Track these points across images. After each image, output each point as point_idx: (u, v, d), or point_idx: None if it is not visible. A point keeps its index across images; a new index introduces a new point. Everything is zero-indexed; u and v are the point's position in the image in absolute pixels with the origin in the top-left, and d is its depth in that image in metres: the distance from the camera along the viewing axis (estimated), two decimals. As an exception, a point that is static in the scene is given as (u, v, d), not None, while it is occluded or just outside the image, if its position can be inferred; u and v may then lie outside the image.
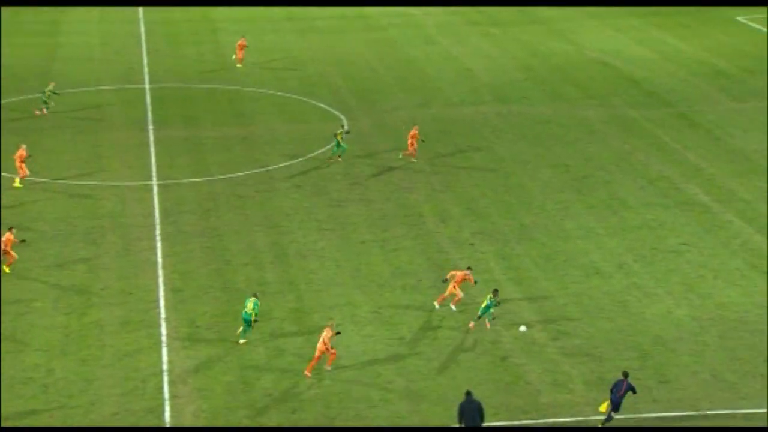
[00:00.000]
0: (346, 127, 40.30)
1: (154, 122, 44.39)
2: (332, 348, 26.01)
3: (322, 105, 46.90)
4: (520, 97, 48.20)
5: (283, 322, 28.68)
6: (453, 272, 29.32)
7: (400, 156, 39.91)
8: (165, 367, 26.23)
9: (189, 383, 25.58)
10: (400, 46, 56.67)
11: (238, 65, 51.76)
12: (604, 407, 24.25)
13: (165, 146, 41.45)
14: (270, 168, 39.54)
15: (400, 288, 30.61)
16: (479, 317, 28.03)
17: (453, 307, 29.07)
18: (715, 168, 38.86)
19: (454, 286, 28.94)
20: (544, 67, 52.50)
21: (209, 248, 32.77)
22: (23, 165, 36.51)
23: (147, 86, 49.09)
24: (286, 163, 39.99)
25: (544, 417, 24.41)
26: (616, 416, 23.97)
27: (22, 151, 36.75)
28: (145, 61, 53.04)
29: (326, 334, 26.08)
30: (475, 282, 29.10)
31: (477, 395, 23.63)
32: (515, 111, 45.85)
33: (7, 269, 30.50)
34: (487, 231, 34.29)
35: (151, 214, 35.07)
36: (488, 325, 27.95)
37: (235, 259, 32.13)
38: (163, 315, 28.75)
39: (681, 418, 24.15)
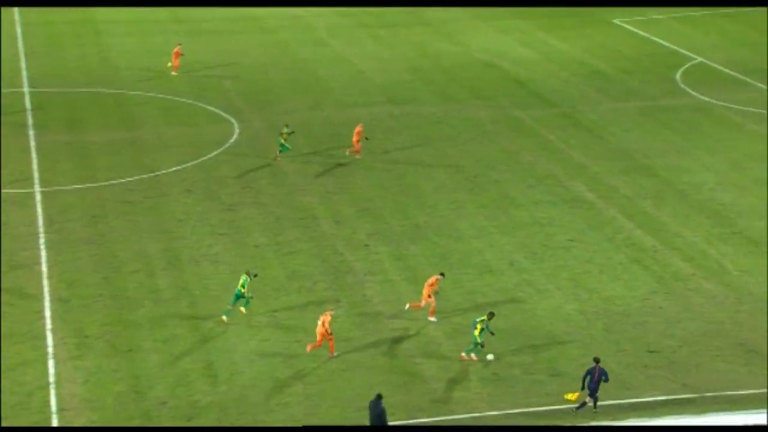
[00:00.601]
0: (289, 128, 40.08)
1: (35, 127, 42.96)
2: (331, 332, 26.07)
3: (212, 108, 46.24)
4: (411, 98, 48.54)
5: (176, 328, 28.12)
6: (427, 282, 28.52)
7: (347, 153, 39.99)
8: (52, 379, 25.39)
9: (78, 395, 24.83)
10: (291, 48, 56.34)
11: (173, 73, 50.27)
12: (572, 396, 24.56)
13: (47, 152, 40.16)
14: (159, 173, 38.73)
15: (296, 291, 30.40)
16: (477, 345, 26.38)
17: (433, 319, 28.46)
18: (599, 166, 39.91)
19: (429, 295, 28.43)
20: (433, 69, 53.02)
21: (97, 256, 31.89)
22: None
23: (26, 90, 47.47)
24: (176, 168, 39.25)
25: (440, 414, 24.59)
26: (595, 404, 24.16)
27: None
28: (24, 64, 51.29)
29: (326, 318, 26.23)
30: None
31: (375, 394, 23.61)
32: (407, 112, 46.14)
33: None
34: (382, 232, 34.38)
35: (34, 223, 33.93)
36: (474, 358, 26.51)
37: (124, 266, 31.34)
38: (49, 326, 27.82)
39: (569, 411, 24.66)
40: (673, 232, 33.88)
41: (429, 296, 28.59)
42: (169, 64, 50.83)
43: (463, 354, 26.75)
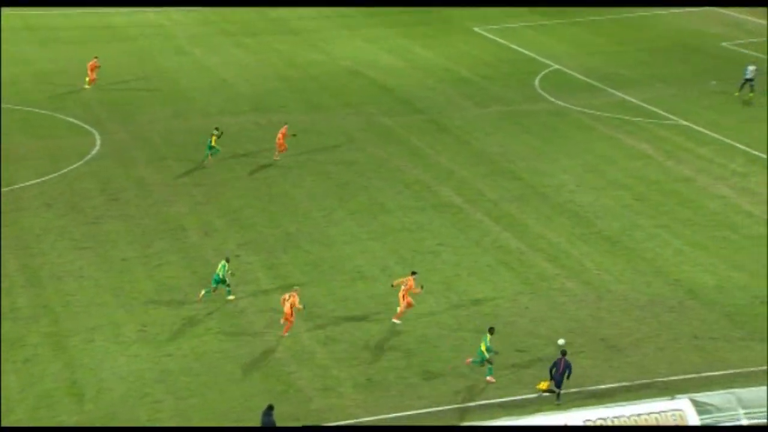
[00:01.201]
0: (219, 130, 39.84)
1: None
2: (293, 316, 26.93)
3: (72, 119, 44.70)
4: (278, 107, 48.22)
5: (37, 347, 27.00)
6: (399, 280, 28.82)
7: (276, 157, 40.14)
8: None
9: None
10: (151, 56, 55.08)
11: (86, 86, 48.27)
12: (543, 385, 25.02)
13: None
14: (17, 187, 37.15)
15: (166, 304, 29.68)
16: (481, 363, 26.06)
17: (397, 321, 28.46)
18: (465, 170, 40.63)
19: (404, 296, 28.43)
20: (299, 77, 52.85)
21: (-46, 275, 30.31)
22: None
23: None
24: (34, 181, 37.73)
25: (315, 422, 24.46)
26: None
27: None
28: None
29: (294, 299, 27.03)
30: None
31: (250, 406, 23.31)
32: (275, 120, 45.80)
33: None
34: (253, 241, 33.98)
35: None
36: (492, 380, 26.03)
37: (-17, 284, 29.90)
38: None
39: (444, 412, 24.96)
40: (537, 233, 34.78)
41: (404, 297, 28.59)
42: (86, 78, 48.67)
43: (489, 378, 26.13)
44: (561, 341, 26.79)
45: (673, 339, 27.99)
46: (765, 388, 24.13)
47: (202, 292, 29.32)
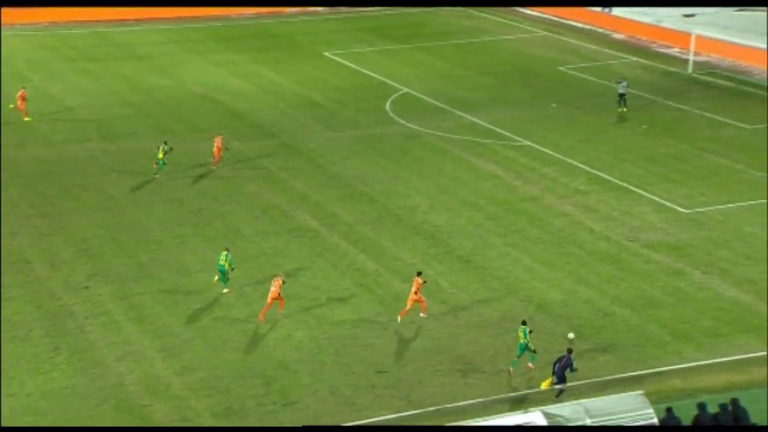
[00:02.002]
0: (168, 145, 40.77)
1: None
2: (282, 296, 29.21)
3: None
4: (127, 133, 46.84)
5: None
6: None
7: (213, 168, 41.36)
8: None
9: None
10: (-10, 83, 52.63)
11: (26, 119, 45.82)
12: (546, 384, 25.75)
13: None
14: None
15: (9, 341, 28.11)
16: (519, 357, 27.09)
17: (423, 315, 30.03)
18: (320, 194, 40.52)
19: (416, 292, 29.50)
20: (148, 103, 51.56)
21: None
22: None
23: None
24: None
25: (176, 457, 23.64)
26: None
27: None
28: None
29: (277, 282, 29.20)
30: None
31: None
32: (124, 147, 44.41)
33: None
34: (103, 272, 32.70)
35: None
36: (531, 366, 27.21)
37: None
38: None
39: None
40: (393, 255, 35.00)
41: (416, 294, 29.82)
42: (11, 106, 46.20)
43: (530, 364, 27.42)
44: (570, 335, 27.98)
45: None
46: (608, 397, 25.04)
47: (225, 290, 31.20)
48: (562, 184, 41.67)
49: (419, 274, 30.67)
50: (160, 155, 40.33)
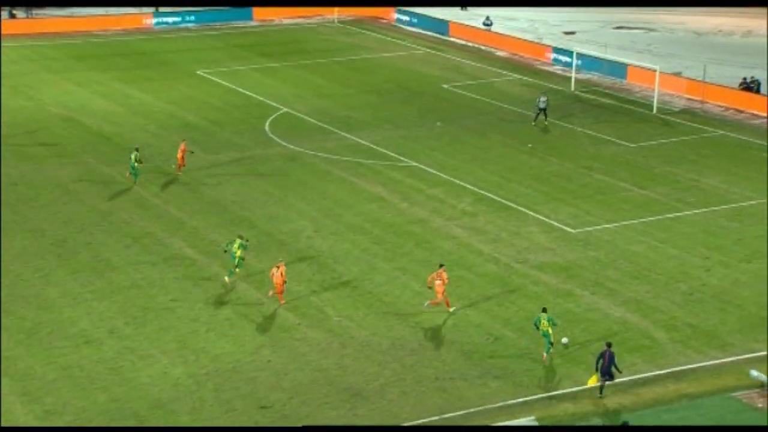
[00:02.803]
0: (138, 153, 42.34)
1: None
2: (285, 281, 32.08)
3: None
4: (-18, 158, 44.99)
5: None
6: (431, 277, 32.18)
7: (178, 174, 42.92)
8: None
9: None
10: None
11: None
12: (593, 380, 27.02)
13: None
14: None
15: None
16: (551, 344, 29.18)
17: (428, 304, 32.32)
18: (197, 220, 39.76)
19: (441, 286, 31.68)
20: (5, 126, 49.66)
21: None
22: None
23: None
24: None
25: None
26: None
27: None
28: None
29: (281, 269, 32.08)
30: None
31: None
32: (-21, 174, 42.62)
33: None
34: (-44, 310, 31.12)
35: None
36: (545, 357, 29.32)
37: None
38: None
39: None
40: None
41: (442, 291, 32.03)
42: None
43: (544, 354, 29.38)
44: (564, 340, 29.73)
45: (416, 382, 28.61)
46: (500, 425, 25.30)
47: (229, 277, 33.80)
48: (449, 205, 42.09)
49: (441, 266, 32.85)
50: (134, 162, 41.55)
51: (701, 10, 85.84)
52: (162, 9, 79.27)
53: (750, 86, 58.36)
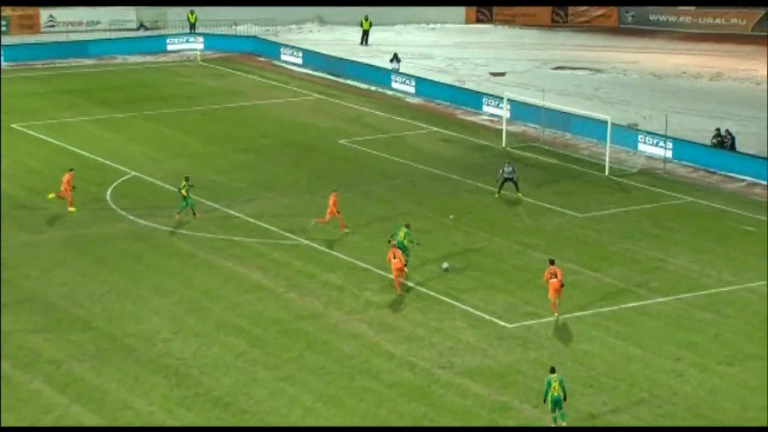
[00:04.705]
0: (189, 181, 47.33)
1: None
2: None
3: None
4: None
5: None
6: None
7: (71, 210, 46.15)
8: None
9: None
10: None
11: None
12: None
13: None
14: None
15: None
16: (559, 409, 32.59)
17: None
18: (11, 322, 39.10)
19: (562, 286, 39.01)
20: None
21: None
22: None
23: None
24: None
25: None
26: None
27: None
28: None
29: (398, 254, 41.32)
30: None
31: None
32: None
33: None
34: None
35: None
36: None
37: None
38: None
39: None
40: (121, 402, 33.97)
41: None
42: None
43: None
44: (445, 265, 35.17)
45: None
46: None
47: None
48: (350, 294, 42.15)
49: (552, 262, 39.57)
50: (184, 193, 47.30)
51: (659, 47, 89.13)
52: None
53: (724, 141, 60.22)
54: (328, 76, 78.02)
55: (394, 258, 41.34)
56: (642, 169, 58.71)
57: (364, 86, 75.76)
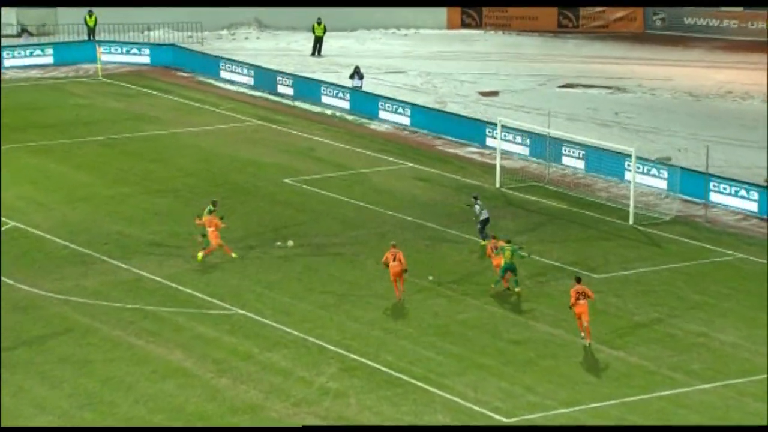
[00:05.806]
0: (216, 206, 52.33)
1: None
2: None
3: None
4: None
5: None
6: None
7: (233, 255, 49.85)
8: None
9: None
10: None
11: None
12: None
13: None
14: None
15: None
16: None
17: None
18: None
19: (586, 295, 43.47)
20: None
21: None
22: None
23: None
24: None
25: None
26: None
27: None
28: None
29: (399, 255, 45.42)
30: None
31: None
32: None
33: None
34: None
35: None
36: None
37: None
38: None
39: None
40: None
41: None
42: None
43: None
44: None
45: None
46: None
47: (517, 289, 47.37)
48: (299, 379, 41.99)
49: (578, 280, 44.10)
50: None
51: (697, 59, 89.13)
52: None
53: (782, 180, 60.31)
54: (270, 96, 78.09)
55: (394, 260, 45.48)
56: (677, 217, 58.77)
57: (317, 109, 75.83)
